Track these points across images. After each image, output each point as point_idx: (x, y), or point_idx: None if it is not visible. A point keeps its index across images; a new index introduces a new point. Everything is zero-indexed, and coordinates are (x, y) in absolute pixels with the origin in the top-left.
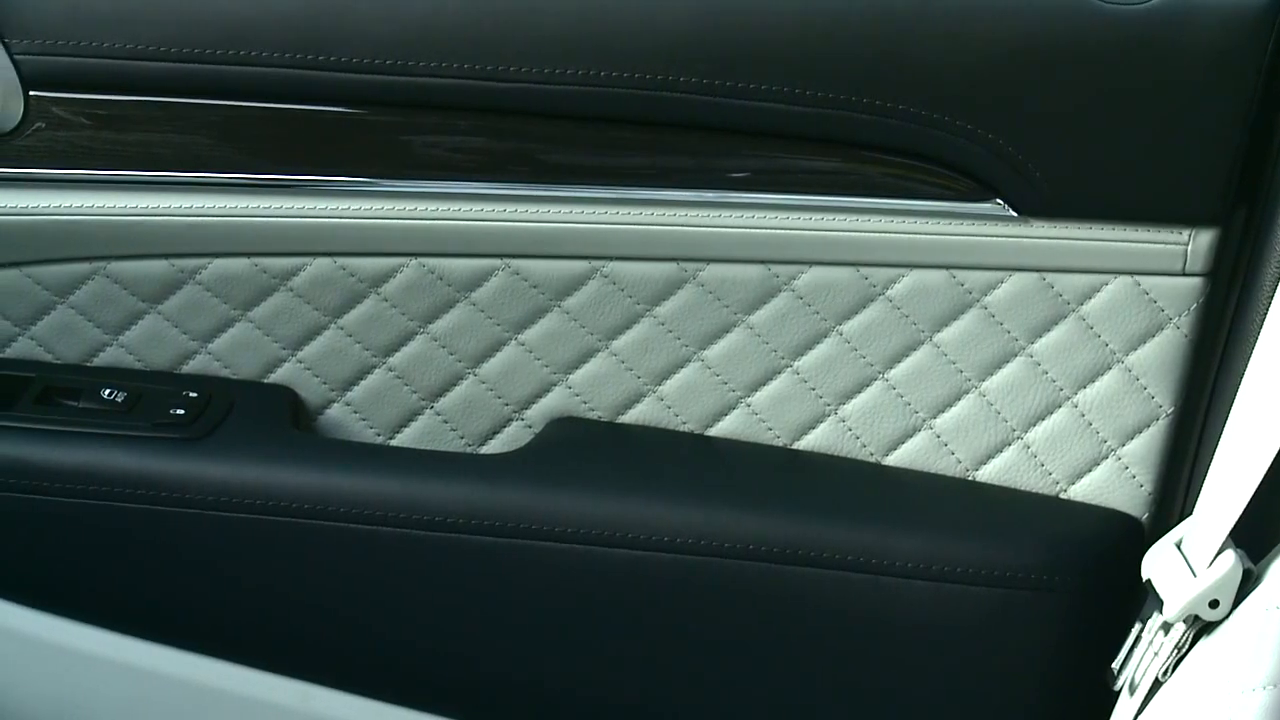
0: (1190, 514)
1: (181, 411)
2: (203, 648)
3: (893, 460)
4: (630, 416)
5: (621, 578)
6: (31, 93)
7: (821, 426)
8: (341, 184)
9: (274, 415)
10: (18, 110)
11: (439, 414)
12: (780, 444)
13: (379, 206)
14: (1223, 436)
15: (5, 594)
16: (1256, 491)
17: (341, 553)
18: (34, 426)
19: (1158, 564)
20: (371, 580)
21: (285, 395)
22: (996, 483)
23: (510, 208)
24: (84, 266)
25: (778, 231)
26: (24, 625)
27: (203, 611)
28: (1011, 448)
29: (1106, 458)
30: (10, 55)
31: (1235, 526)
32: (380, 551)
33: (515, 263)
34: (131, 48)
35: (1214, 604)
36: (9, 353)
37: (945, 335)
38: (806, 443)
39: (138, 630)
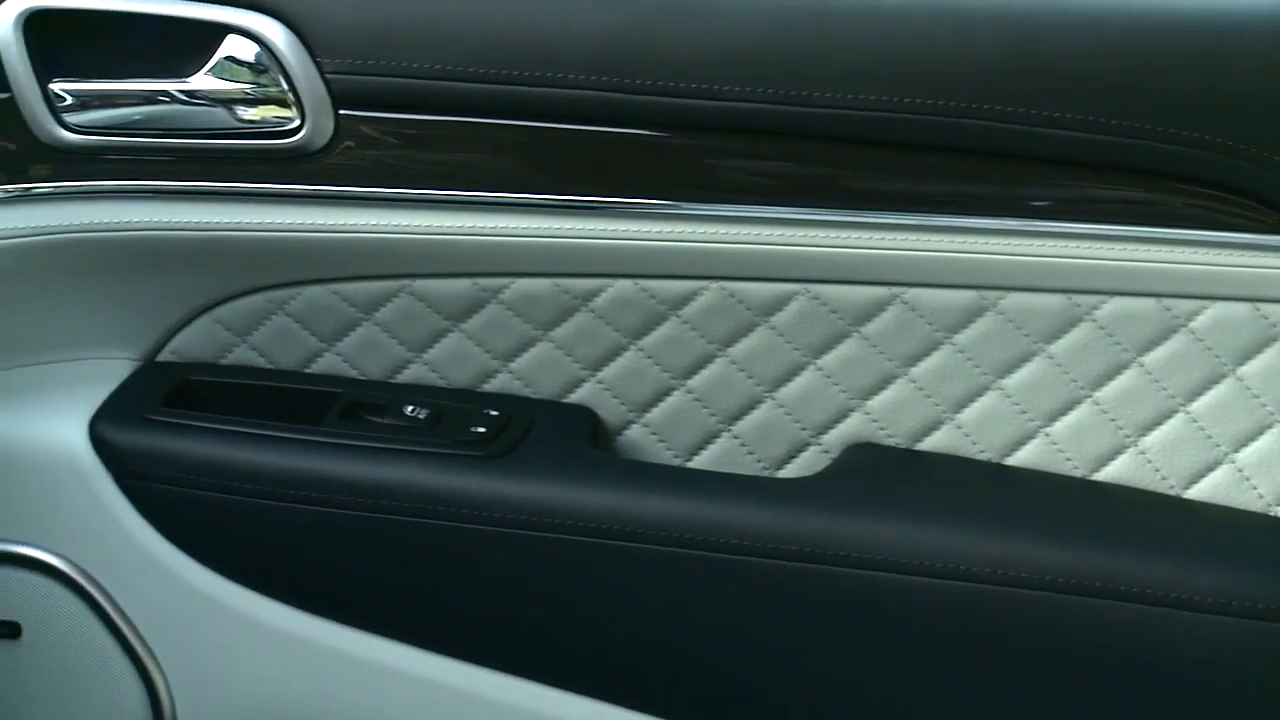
0: None
1: (482, 430)
2: (498, 664)
3: (1193, 494)
4: (928, 444)
5: (917, 605)
6: (341, 111)
7: (1121, 458)
8: (644, 206)
9: (573, 435)
10: (328, 129)
11: (736, 437)
12: (1079, 475)
13: (681, 229)
14: None
15: (309, 607)
16: None
17: (638, 573)
18: (339, 442)
19: None
20: (667, 601)
21: (585, 415)
22: None
23: (811, 233)
24: (390, 284)
25: (1080, 261)
26: (330, 639)
27: (499, 628)
28: None
29: None
30: (322, 74)
31: None
32: (676, 573)
33: (815, 288)
34: (439, 68)
35: None
36: (316, 368)
37: (1249, 369)
38: (1105, 474)
39: (437, 645)
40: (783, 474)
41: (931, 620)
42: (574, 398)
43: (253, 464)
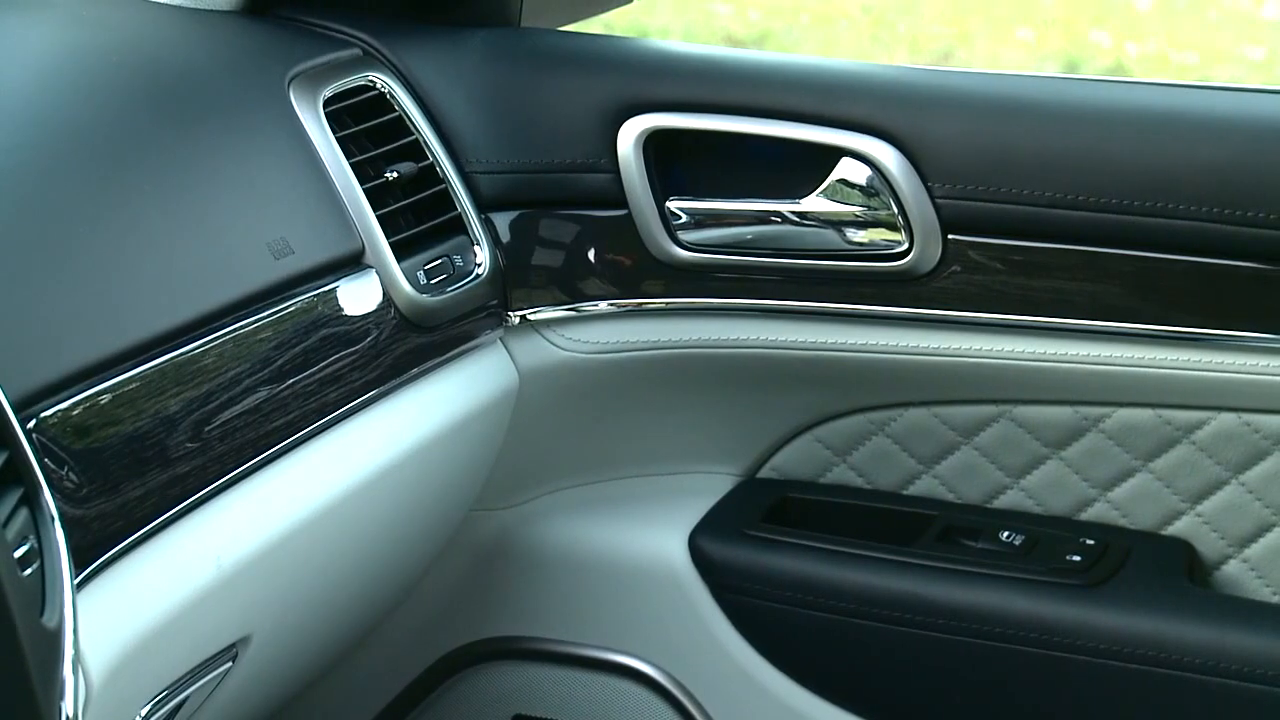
0: None
1: (1078, 558)
2: None
3: None
4: None
5: None
6: (950, 236)
7: None
8: (1251, 340)
9: (1170, 568)
10: (936, 253)
11: None
12: None
13: None
14: None
15: None
16: None
17: (1231, 712)
18: (935, 564)
19: None
20: None
21: (1182, 549)
22: None
23: None
24: (990, 409)
25: None
26: None
27: None
28: None
29: None
30: (932, 199)
31: None
32: (1272, 713)
33: None
34: (1052, 195)
35: None
36: (913, 490)
37: None
38: None
39: None
40: None
41: None
42: (1171, 530)
43: (848, 583)
